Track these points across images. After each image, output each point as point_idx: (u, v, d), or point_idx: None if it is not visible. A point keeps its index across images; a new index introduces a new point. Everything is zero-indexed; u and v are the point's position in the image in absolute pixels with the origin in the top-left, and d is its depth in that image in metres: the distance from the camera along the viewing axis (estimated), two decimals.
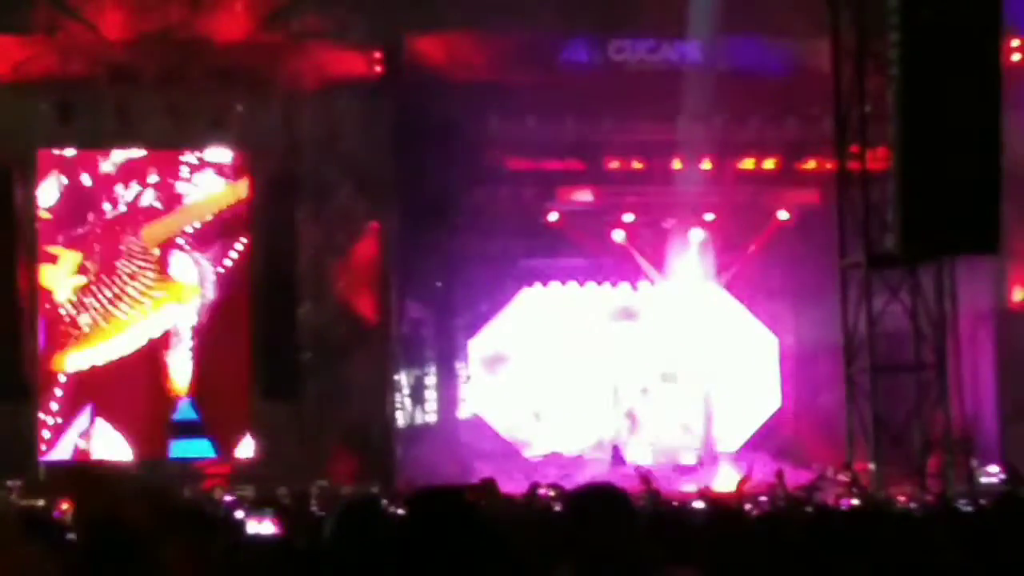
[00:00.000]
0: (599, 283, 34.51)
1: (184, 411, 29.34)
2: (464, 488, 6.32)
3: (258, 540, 11.04)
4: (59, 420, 28.73)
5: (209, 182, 29.72)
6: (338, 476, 28.69)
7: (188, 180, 29.64)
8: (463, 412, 33.51)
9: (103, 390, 28.97)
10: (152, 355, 29.38)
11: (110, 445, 28.77)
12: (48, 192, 29.07)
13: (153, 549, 6.14)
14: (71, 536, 7.25)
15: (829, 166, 27.71)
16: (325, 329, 29.96)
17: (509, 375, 34.11)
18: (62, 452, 28.62)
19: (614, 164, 32.39)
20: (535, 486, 16.94)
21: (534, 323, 34.39)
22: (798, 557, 7.53)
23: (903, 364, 25.12)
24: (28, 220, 28.97)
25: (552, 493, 17.06)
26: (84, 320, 29.08)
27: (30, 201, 28.95)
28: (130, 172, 29.41)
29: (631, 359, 34.18)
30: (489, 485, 10.20)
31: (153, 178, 29.49)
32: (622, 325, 34.40)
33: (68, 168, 29.21)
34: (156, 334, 29.42)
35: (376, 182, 29.79)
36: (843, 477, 23.45)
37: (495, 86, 29.93)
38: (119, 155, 29.37)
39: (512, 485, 20.24)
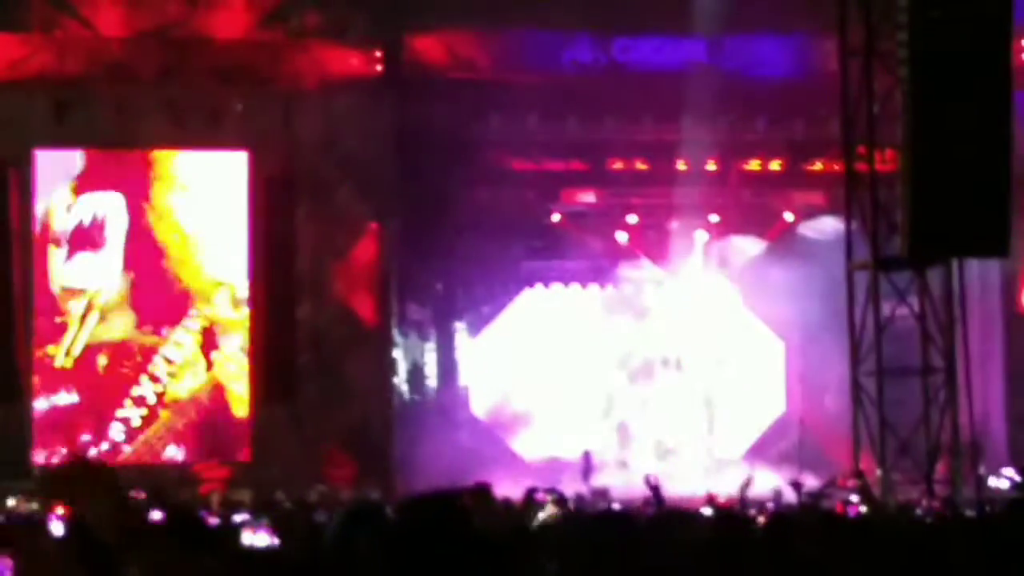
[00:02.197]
0: (602, 285, 34.15)
1: None
2: (460, 493, 6.02)
3: (253, 552, 10.72)
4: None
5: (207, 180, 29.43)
6: (337, 480, 28.44)
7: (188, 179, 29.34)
8: (461, 414, 33.20)
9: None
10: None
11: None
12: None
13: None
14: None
15: (836, 167, 27.41)
16: (324, 331, 29.71)
17: (508, 377, 33.78)
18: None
19: (618, 165, 32.14)
20: (532, 491, 16.57)
21: (535, 325, 34.05)
22: (805, 565, 7.34)
23: (910, 368, 24.78)
24: (24, 220, 28.66)
25: (549, 499, 16.68)
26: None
27: (26, 201, 28.65)
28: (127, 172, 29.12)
29: (631, 359, 33.89)
30: (483, 491, 9.79)
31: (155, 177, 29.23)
32: (624, 324, 34.05)
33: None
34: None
35: (376, 182, 29.55)
36: (852, 484, 23.08)
37: (497, 85, 29.74)
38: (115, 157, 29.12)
39: (503, 488, 19.88)
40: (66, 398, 28.52)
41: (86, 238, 28.81)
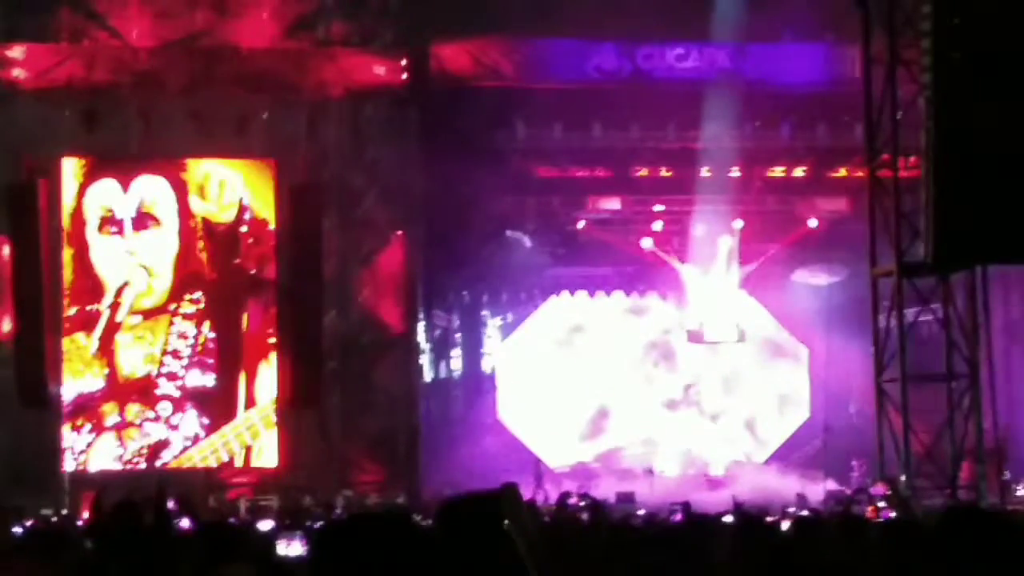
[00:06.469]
0: (627, 293, 34.22)
1: None
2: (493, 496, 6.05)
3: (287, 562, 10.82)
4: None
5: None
6: (364, 485, 28.56)
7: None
8: (487, 420, 33.26)
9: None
10: None
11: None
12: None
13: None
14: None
15: (860, 174, 27.44)
16: (350, 337, 29.82)
17: (532, 384, 33.81)
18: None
19: (642, 172, 32.22)
20: (566, 495, 16.75)
21: (560, 332, 34.10)
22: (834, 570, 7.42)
23: (934, 374, 24.81)
24: (53, 229, 28.76)
25: (582, 503, 16.83)
26: None
27: (54, 209, 28.75)
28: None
29: (656, 371, 33.98)
30: (511, 491, 9.84)
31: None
32: (644, 329, 34.13)
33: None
34: None
35: (402, 190, 29.66)
36: (881, 490, 23.15)
37: (522, 94, 29.87)
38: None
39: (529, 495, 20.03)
40: (92, 383, 28.66)
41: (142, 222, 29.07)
